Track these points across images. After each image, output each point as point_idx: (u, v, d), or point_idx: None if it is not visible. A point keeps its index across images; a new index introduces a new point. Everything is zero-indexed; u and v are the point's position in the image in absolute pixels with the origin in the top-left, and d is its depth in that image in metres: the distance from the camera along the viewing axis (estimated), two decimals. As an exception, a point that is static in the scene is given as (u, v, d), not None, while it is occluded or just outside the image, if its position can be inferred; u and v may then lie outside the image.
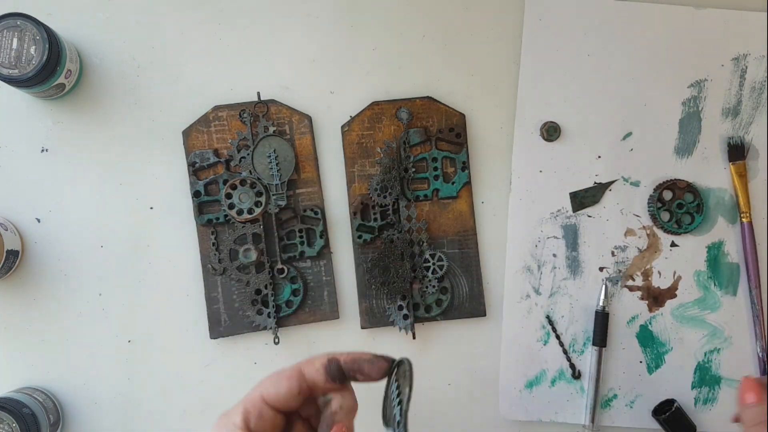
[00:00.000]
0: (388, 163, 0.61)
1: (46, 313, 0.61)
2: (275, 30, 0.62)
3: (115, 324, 0.61)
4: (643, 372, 0.63)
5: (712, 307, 0.63)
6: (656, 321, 0.63)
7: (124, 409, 0.61)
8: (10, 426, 0.54)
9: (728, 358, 0.63)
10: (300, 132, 0.62)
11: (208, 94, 0.61)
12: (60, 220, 0.61)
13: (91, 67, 0.61)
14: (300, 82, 0.62)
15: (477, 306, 0.62)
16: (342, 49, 0.62)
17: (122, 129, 0.61)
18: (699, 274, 0.63)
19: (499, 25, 0.62)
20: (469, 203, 0.62)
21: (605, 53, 0.62)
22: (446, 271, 0.62)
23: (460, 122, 0.62)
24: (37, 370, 0.61)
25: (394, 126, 0.62)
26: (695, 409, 0.63)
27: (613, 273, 0.63)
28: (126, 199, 0.61)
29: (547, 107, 0.62)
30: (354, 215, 0.61)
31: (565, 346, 0.63)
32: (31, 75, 0.54)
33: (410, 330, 0.61)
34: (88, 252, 0.61)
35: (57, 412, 0.60)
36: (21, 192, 0.61)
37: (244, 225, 0.61)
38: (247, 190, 0.60)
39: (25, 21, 0.54)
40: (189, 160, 0.61)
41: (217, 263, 0.61)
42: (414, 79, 0.62)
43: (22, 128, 0.61)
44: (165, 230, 0.61)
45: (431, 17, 0.62)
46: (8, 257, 0.57)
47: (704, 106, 0.63)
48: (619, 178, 0.63)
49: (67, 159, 0.61)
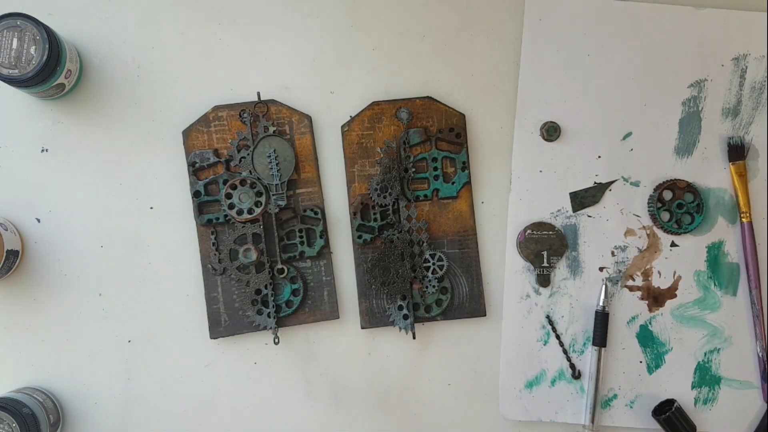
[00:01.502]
0: (388, 163, 0.61)
1: (46, 313, 0.61)
2: (275, 30, 0.62)
3: (115, 324, 0.61)
4: (643, 372, 0.63)
5: (712, 307, 0.63)
6: (656, 321, 0.63)
7: (124, 409, 0.61)
8: (10, 426, 0.54)
9: (728, 358, 0.63)
10: (300, 132, 0.62)
11: (208, 94, 0.61)
12: (60, 220, 0.61)
13: (91, 67, 0.61)
14: (300, 82, 0.62)
15: (477, 306, 0.62)
16: (342, 49, 0.62)
17: (122, 129, 0.61)
18: (699, 274, 0.63)
19: (499, 25, 0.62)
20: (469, 203, 0.62)
21: (605, 53, 0.62)
22: (446, 271, 0.62)
23: (460, 122, 0.62)
24: (37, 370, 0.61)
25: (394, 126, 0.62)
26: (695, 409, 0.63)
27: (613, 273, 0.63)
28: (126, 199, 0.61)
29: (547, 107, 0.62)
30: (354, 215, 0.62)
31: (565, 346, 0.63)
32: (31, 75, 0.54)
33: (410, 330, 0.61)
34: (88, 252, 0.61)
35: (57, 411, 0.60)
36: (21, 192, 0.61)
37: (244, 225, 0.61)
38: (247, 190, 0.60)
39: (25, 21, 0.54)
40: (189, 160, 0.61)
41: (217, 263, 0.61)
42: (414, 79, 0.62)
43: (22, 128, 0.61)
44: (165, 230, 0.61)
45: (431, 17, 0.62)
46: (8, 257, 0.57)
47: (704, 106, 0.63)
48: (619, 178, 0.63)
49: (67, 159, 0.61)
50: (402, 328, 0.61)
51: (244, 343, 0.62)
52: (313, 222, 0.62)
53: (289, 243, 0.61)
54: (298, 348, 0.62)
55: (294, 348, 0.62)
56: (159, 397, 0.62)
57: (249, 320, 0.61)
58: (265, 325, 0.61)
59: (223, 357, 0.62)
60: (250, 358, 0.62)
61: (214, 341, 0.62)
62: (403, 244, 0.61)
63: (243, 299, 0.61)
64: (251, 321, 0.61)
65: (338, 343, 0.62)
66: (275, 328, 0.61)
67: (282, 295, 0.61)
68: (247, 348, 0.62)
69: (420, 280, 0.61)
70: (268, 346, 0.62)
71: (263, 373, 0.62)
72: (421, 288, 0.62)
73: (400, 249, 0.61)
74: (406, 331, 0.62)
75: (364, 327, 0.62)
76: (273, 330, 0.61)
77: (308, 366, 0.62)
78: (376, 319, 0.62)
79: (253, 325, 0.61)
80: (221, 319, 0.61)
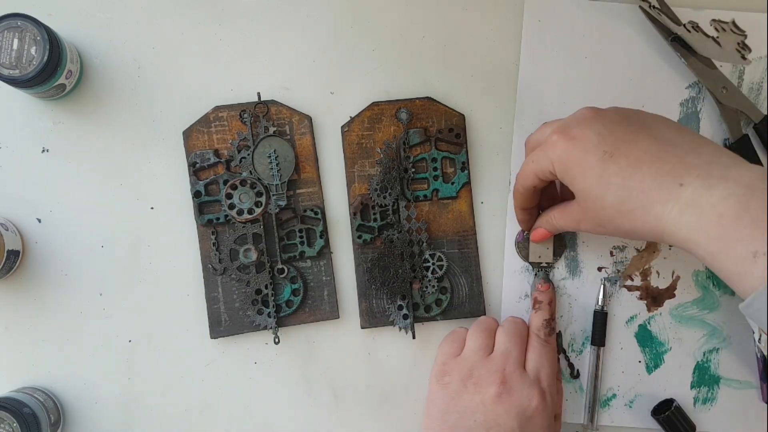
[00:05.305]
0: (388, 163, 0.61)
1: (47, 312, 0.61)
2: (275, 30, 0.62)
3: (116, 324, 0.61)
4: (642, 372, 0.63)
5: (711, 307, 0.63)
6: (655, 321, 0.63)
7: (124, 409, 0.62)
8: (11, 426, 0.55)
9: (727, 358, 0.63)
10: (300, 132, 0.62)
11: (209, 95, 0.61)
12: (61, 220, 0.61)
13: (91, 68, 0.61)
14: (300, 82, 0.62)
15: (477, 306, 0.62)
16: (342, 49, 0.62)
17: (123, 129, 0.61)
18: (698, 274, 0.63)
19: (499, 26, 0.63)
20: (468, 203, 0.62)
21: (604, 54, 0.62)
22: (446, 271, 0.62)
23: (459, 123, 0.62)
24: (37, 370, 0.61)
25: (393, 126, 0.62)
26: (694, 409, 0.63)
27: (612, 273, 0.63)
28: (127, 200, 0.61)
29: (547, 108, 0.62)
30: (354, 215, 0.62)
31: (564, 345, 0.63)
32: (31, 75, 0.54)
33: (410, 330, 0.61)
34: (89, 252, 0.61)
35: (57, 411, 0.60)
36: (22, 192, 0.61)
37: (244, 225, 0.61)
38: (247, 191, 0.60)
39: (26, 21, 0.54)
40: (189, 161, 0.61)
41: (218, 263, 0.61)
42: (414, 79, 0.62)
43: (22, 129, 0.61)
44: (165, 230, 0.62)
45: (431, 17, 0.62)
46: (9, 257, 0.58)
47: (702, 107, 0.63)
48: (619, 178, 0.63)
49: (68, 159, 0.61)
50: (402, 328, 0.62)
51: (245, 342, 0.62)
52: (313, 222, 0.62)
53: (289, 243, 0.61)
54: (298, 348, 0.62)
55: (294, 348, 0.62)
56: (159, 396, 0.62)
57: (249, 320, 0.61)
58: (266, 324, 0.61)
59: (224, 357, 0.62)
60: (250, 358, 0.62)
61: (215, 341, 0.62)
62: (403, 244, 0.61)
63: (243, 299, 0.61)
64: (251, 321, 0.61)
65: (338, 343, 0.62)
66: (275, 328, 0.61)
67: (282, 295, 0.61)
68: (248, 348, 0.62)
69: (420, 279, 0.62)
70: (269, 346, 0.62)
71: (263, 373, 0.62)
72: (420, 288, 0.62)
73: (399, 249, 0.61)
74: (405, 331, 0.62)
75: (364, 327, 0.62)
76: (273, 330, 0.61)
77: (308, 366, 0.62)
78: (376, 318, 0.62)
79: (254, 325, 0.61)
80: (221, 318, 0.61)
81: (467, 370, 0.55)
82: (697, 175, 0.45)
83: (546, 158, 0.51)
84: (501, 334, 0.57)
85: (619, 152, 0.48)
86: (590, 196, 0.49)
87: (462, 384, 0.55)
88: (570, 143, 0.50)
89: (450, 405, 0.55)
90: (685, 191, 0.45)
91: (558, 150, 0.50)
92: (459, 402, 0.55)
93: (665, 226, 0.46)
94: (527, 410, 0.54)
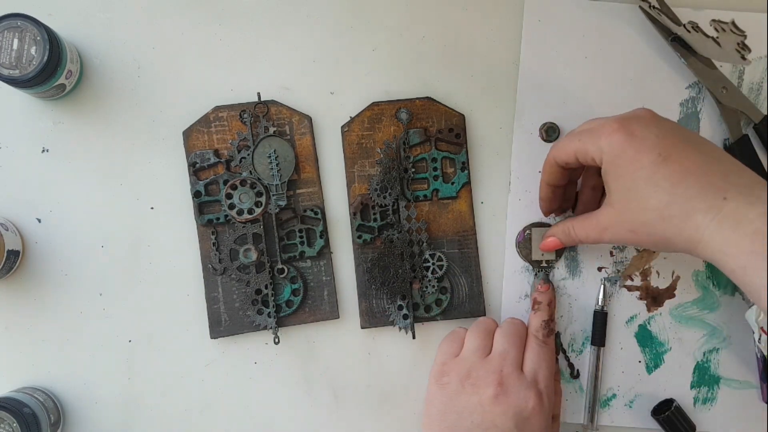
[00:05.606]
0: (388, 163, 0.61)
1: (47, 312, 0.61)
2: (275, 30, 0.62)
3: (116, 324, 0.61)
4: (642, 372, 0.63)
5: (711, 307, 0.63)
6: (655, 321, 0.63)
7: (124, 409, 0.62)
8: (11, 426, 0.55)
9: (727, 358, 0.63)
10: (300, 132, 0.62)
11: (209, 95, 0.61)
12: (61, 220, 0.61)
13: (91, 68, 0.61)
14: (300, 82, 0.62)
15: (476, 306, 0.63)
16: (342, 49, 0.62)
17: (123, 129, 0.61)
18: (698, 274, 0.63)
19: (499, 26, 0.63)
20: (468, 203, 0.62)
21: (604, 54, 0.62)
22: (446, 271, 0.62)
23: (459, 123, 0.62)
24: (37, 370, 0.61)
25: (393, 126, 0.62)
26: (694, 409, 0.63)
27: (612, 273, 0.63)
28: (127, 200, 0.61)
29: (547, 108, 0.62)
30: (354, 215, 0.62)
31: (564, 345, 0.63)
32: (31, 75, 0.54)
33: (410, 330, 0.61)
34: (89, 252, 0.61)
35: (57, 411, 0.60)
36: (22, 192, 0.61)
37: (244, 225, 0.61)
38: (247, 191, 0.60)
39: (26, 21, 0.55)
40: (189, 161, 0.61)
41: (218, 263, 0.61)
42: (414, 79, 0.62)
43: (22, 129, 0.61)
44: (165, 230, 0.62)
45: (431, 18, 0.62)
46: (9, 257, 0.58)
47: (702, 107, 0.63)
48: (619, 178, 0.63)
49: (68, 159, 0.61)
50: (402, 328, 0.62)
51: (245, 342, 0.62)
52: (313, 222, 0.62)
53: (289, 243, 0.61)
54: (298, 348, 0.62)
55: (294, 348, 0.62)
56: (159, 396, 0.62)
57: (249, 320, 0.61)
58: (266, 324, 0.61)
59: (224, 357, 0.62)
60: (250, 358, 0.62)
61: (215, 341, 0.62)
62: (403, 244, 0.61)
63: (243, 299, 0.61)
64: (251, 321, 0.61)
65: (338, 343, 0.62)
66: (275, 328, 0.61)
67: (282, 295, 0.61)
68: (248, 348, 0.62)
69: (420, 279, 0.62)
70: (269, 346, 0.62)
71: (263, 373, 0.62)
72: (420, 288, 0.62)
73: (399, 249, 0.61)
74: (405, 331, 0.62)
75: (364, 327, 0.62)
76: (273, 330, 0.61)
77: (308, 366, 0.62)
78: (376, 318, 0.62)
79: (254, 325, 0.61)
80: (221, 318, 0.61)
81: (465, 370, 0.56)
82: (740, 192, 0.46)
83: (596, 144, 0.51)
84: (499, 335, 0.57)
85: (672, 158, 0.48)
86: (635, 195, 0.49)
87: (460, 384, 0.55)
88: (629, 138, 0.50)
89: (448, 405, 0.55)
90: (728, 205, 0.46)
91: (613, 140, 0.50)
92: (457, 402, 0.55)
93: (702, 235, 0.46)
94: (524, 411, 0.54)
